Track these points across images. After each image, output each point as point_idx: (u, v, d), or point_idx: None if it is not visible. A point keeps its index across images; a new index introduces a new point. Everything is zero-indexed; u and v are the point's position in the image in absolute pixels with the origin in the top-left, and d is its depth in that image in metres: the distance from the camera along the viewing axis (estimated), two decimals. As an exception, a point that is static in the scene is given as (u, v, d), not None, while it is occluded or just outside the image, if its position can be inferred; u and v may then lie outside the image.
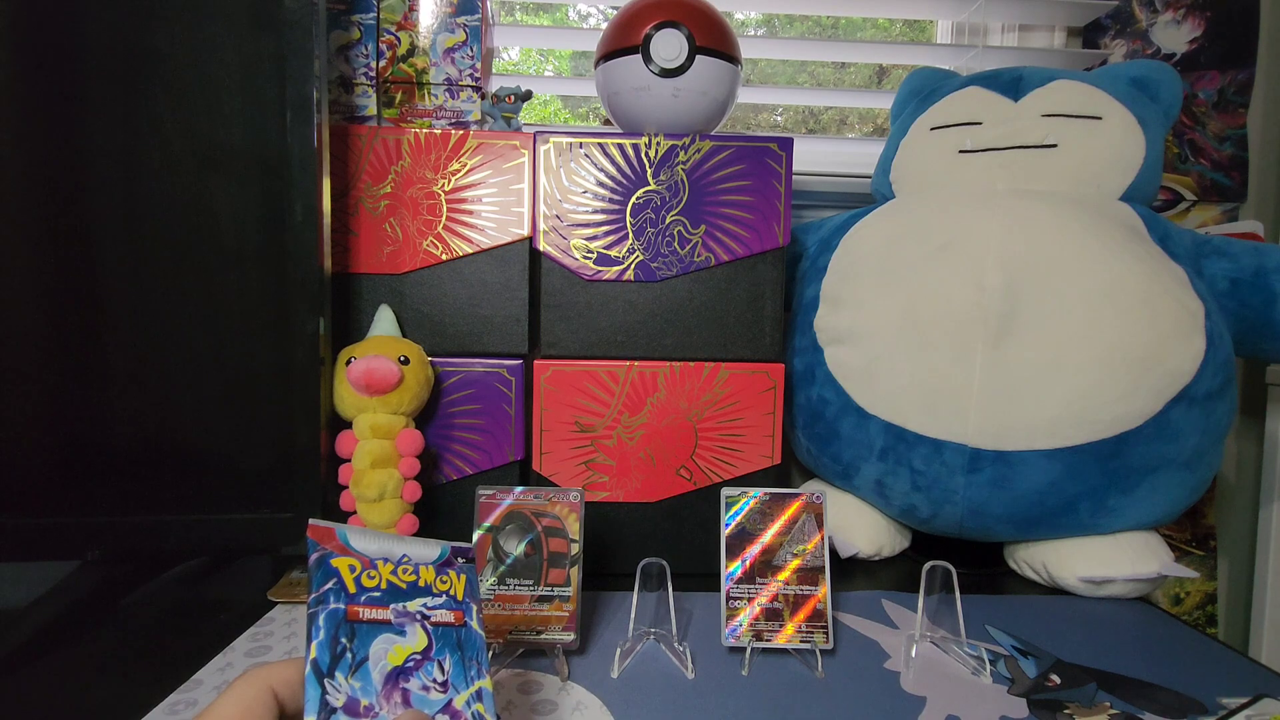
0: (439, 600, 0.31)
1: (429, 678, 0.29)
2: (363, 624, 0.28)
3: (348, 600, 0.28)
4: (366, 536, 0.30)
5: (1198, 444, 0.57)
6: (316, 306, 0.52)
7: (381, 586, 0.29)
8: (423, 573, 0.31)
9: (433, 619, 0.30)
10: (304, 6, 0.49)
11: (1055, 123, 0.64)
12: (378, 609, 0.29)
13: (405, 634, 0.29)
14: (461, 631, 0.31)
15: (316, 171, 0.51)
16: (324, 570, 0.28)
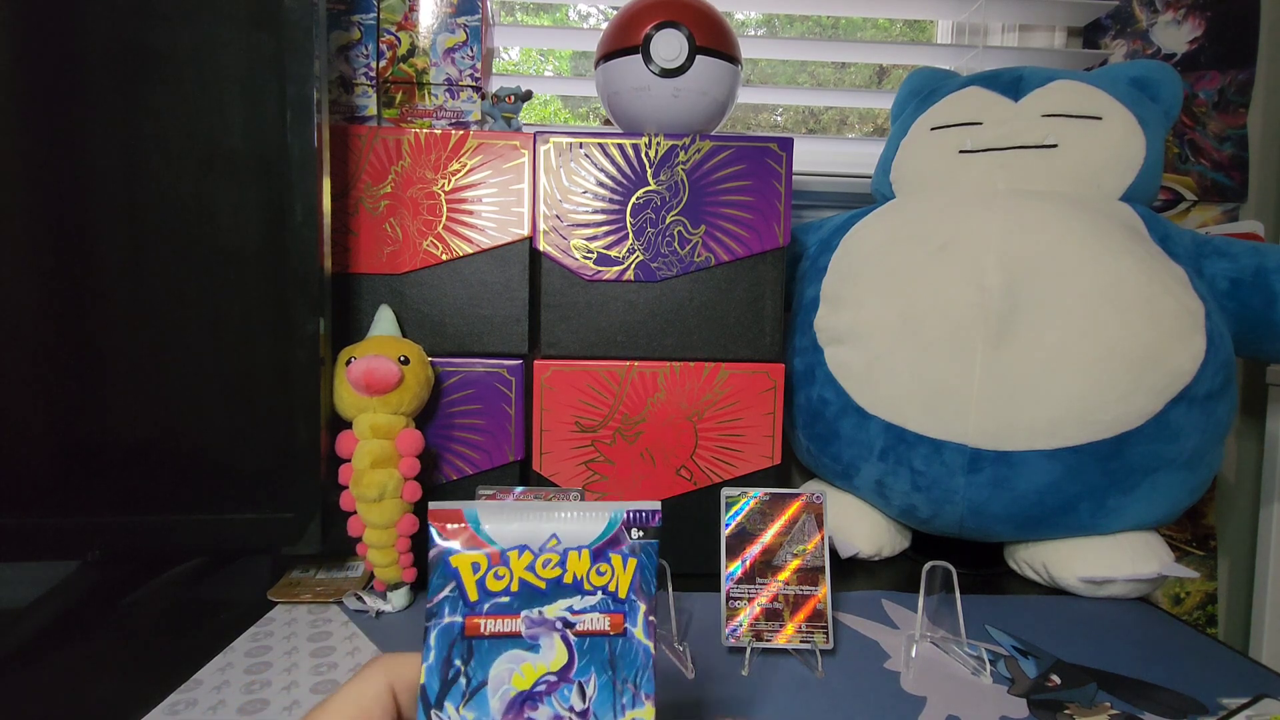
0: (589, 601, 0.24)
1: (563, 705, 0.23)
2: (484, 640, 0.23)
3: (466, 611, 0.23)
4: (505, 514, 0.24)
5: (1198, 444, 0.57)
6: (316, 306, 0.52)
7: (512, 588, 0.24)
8: (572, 563, 0.24)
9: (577, 627, 0.24)
10: (304, 6, 0.49)
11: (1055, 123, 0.64)
12: (504, 619, 0.23)
13: (538, 649, 0.23)
14: (617, 643, 0.24)
15: (316, 171, 0.51)
16: (442, 571, 0.23)
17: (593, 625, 0.24)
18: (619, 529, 0.24)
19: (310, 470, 0.53)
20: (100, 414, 0.51)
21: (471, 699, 0.22)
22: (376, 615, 0.54)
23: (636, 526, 0.24)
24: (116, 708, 0.42)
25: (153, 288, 0.51)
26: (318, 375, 0.52)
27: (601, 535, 0.24)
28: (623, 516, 0.24)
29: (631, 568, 0.24)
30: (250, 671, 0.46)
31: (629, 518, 0.24)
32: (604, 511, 0.24)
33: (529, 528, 0.24)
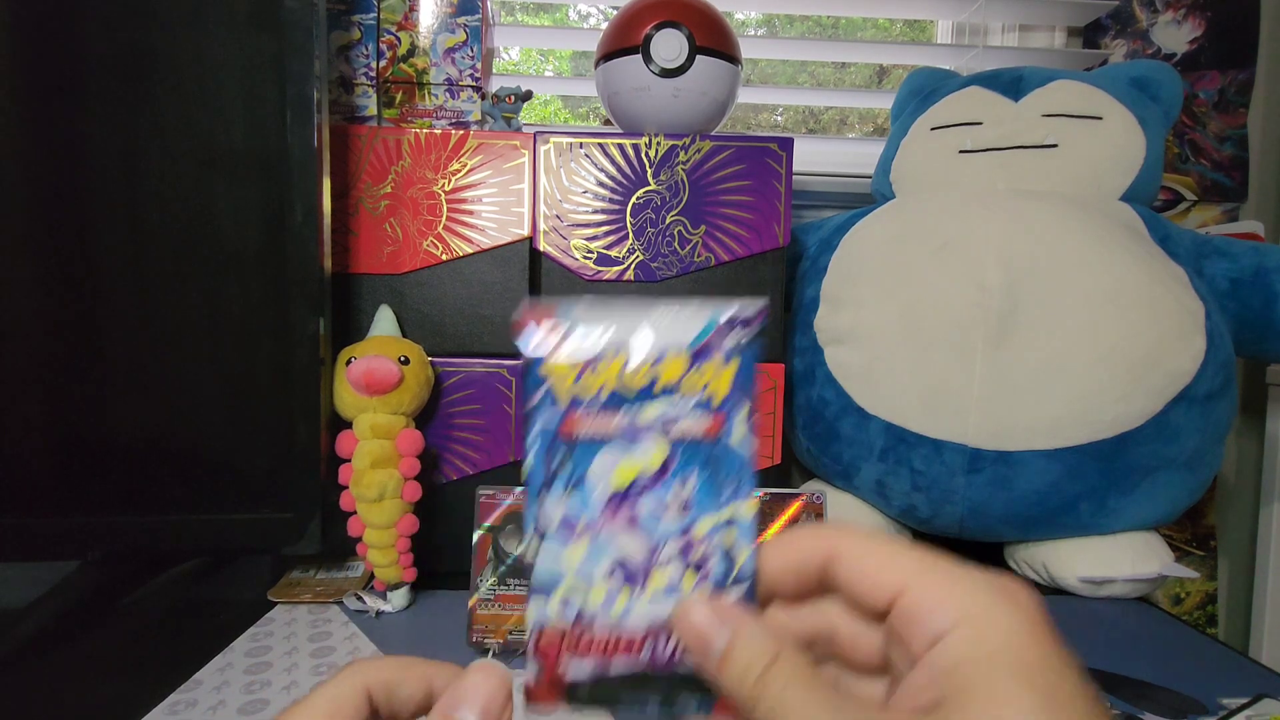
0: (687, 404, 0.23)
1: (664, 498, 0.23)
2: (580, 441, 0.23)
3: (562, 413, 0.23)
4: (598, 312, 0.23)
5: (1198, 444, 0.57)
6: (316, 307, 0.52)
7: (607, 390, 0.23)
8: (668, 366, 0.23)
9: (675, 430, 0.23)
10: (304, 6, 0.49)
11: (1055, 123, 0.64)
12: (600, 419, 0.23)
13: (637, 447, 0.23)
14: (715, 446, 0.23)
15: (316, 171, 0.51)
16: (534, 376, 0.23)
17: (690, 429, 0.23)
18: (718, 330, 0.23)
19: (310, 470, 0.53)
20: (100, 414, 0.51)
21: (574, 491, 0.23)
22: (376, 615, 0.54)
23: (738, 327, 0.23)
24: (116, 708, 0.42)
25: (152, 287, 0.51)
26: (318, 375, 0.52)
27: (699, 337, 0.23)
28: (721, 317, 0.23)
29: (731, 370, 0.23)
30: (250, 671, 0.46)
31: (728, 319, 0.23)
32: (702, 313, 0.23)
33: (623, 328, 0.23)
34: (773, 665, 0.21)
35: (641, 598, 0.23)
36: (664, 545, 0.23)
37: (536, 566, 0.23)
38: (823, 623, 0.24)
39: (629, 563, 0.23)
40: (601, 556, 0.23)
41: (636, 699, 0.23)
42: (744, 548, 0.23)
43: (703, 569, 0.23)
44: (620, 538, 0.23)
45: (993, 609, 0.20)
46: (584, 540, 0.23)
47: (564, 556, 0.23)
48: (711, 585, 0.23)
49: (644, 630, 0.23)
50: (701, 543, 0.23)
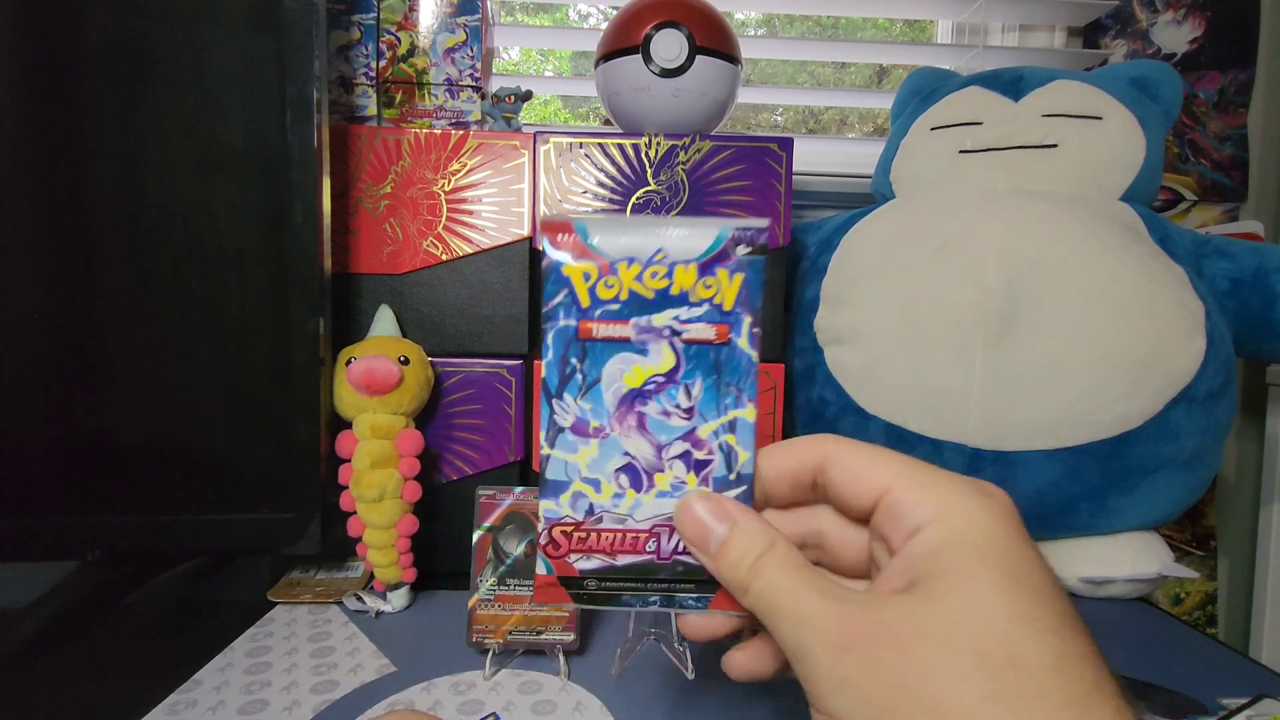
0: (696, 311, 0.25)
1: (670, 402, 0.25)
2: (596, 342, 0.25)
3: (580, 315, 0.24)
4: (614, 226, 0.25)
5: (1198, 444, 0.57)
6: (316, 306, 0.52)
7: (621, 296, 0.24)
8: (679, 275, 0.24)
9: (685, 335, 0.25)
10: (304, 6, 0.49)
11: (1056, 123, 0.64)
12: (615, 324, 0.24)
13: (647, 352, 0.25)
14: (722, 350, 0.25)
15: (316, 171, 0.51)
16: (554, 279, 0.24)
17: (699, 334, 0.25)
18: (726, 244, 0.24)
19: (310, 470, 0.53)
20: (100, 414, 0.51)
21: (587, 392, 0.24)
22: (376, 615, 0.54)
23: (744, 243, 0.24)
24: (116, 708, 0.42)
25: (152, 287, 0.51)
26: (318, 375, 0.52)
27: (708, 250, 0.24)
28: (730, 233, 0.24)
29: (738, 281, 0.25)
30: (250, 672, 0.46)
31: (736, 234, 0.24)
32: (711, 227, 0.24)
33: (636, 241, 0.24)
34: (766, 553, 0.23)
35: (648, 496, 0.25)
36: (670, 447, 0.25)
37: (549, 465, 0.25)
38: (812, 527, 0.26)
39: (637, 462, 0.25)
40: (611, 457, 0.25)
41: (638, 596, 0.25)
42: (744, 450, 0.25)
43: (705, 469, 0.25)
44: (629, 439, 0.25)
45: (968, 504, 0.21)
46: (595, 442, 0.25)
47: (576, 457, 0.25)
48: (713, 484, 0.25)
49: (649, 527, 0.25)
50: (705, 444, 0.25)
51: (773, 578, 0.22)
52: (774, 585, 0.22)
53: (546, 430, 0.25)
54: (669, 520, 0.25)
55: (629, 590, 0.25)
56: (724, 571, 0.23)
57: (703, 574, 0.25)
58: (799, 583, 0.22)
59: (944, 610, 0.19)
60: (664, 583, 0.25)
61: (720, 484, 0.25)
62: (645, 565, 0.25)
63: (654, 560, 0.25)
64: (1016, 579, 0.20)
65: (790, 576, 0.22)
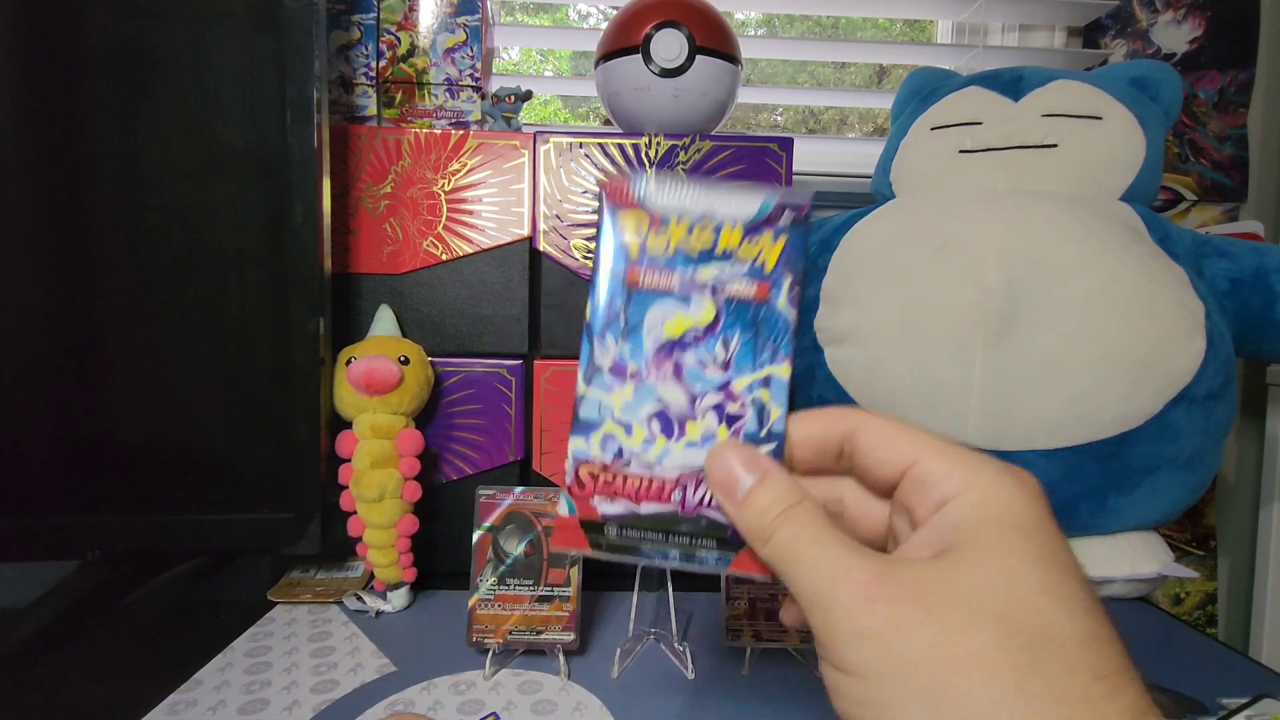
0: (740, 269, 0.25)
1: (708, 353, 0.25)
2: (641, 290, 0.25)
3: (628, 263, 0.25)
4: (666, 186, 0.26)
5: (1198, 444, 0.57)
6: (316, 306, 0.52)
7: (669, 250, 0.25)
8: (725, 235, 0.25)
9: (726, 290, 0.25)
10: (304, 6, 0.49)
11: (1055, 123, 0.64)
12: (661, 274, 0.25)
13: (689, 304, 0.25)
14: (761, 308, 0.25)
15: (316, 171, 0.51)
16: (608, 226, 0.26)
17: (740, 290, 0.25)
18: (772, 211, 0.25)
19: (310, 470, 0.53)
20: (100, 414, 0.51)
21: (628, 336, 0.25)
22: (376, 615, 0.54)
23: (789, 209, 0.26)
24: (116, 708, 0.42)
25: (153, 287, 0.51)
26: (318, 375, 0.52)
27: (756, 216, 0.25)
28: (776, 200, 0.25)
29: (781, 244, 0.25)
30: (250, 671, 0.46)
31: (782, 201, 0.26)
32: (758, 195, 0.25)
33: (688, 200, 0.26)
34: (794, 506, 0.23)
35: (677, 445, 0.25)
36: (704, 398, 0.25)
37: (583, 404, 0.25)
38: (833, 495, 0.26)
39: (669, 410, 0.25)
40: (645, 402, 0.25)
41: (658, 548, 0.25)
42: (776, 407, 0.25)
43: (737, 423, 0.25)
44: (664, 386, 0.25)
45: (998, 479, 0.22)
46: (630, 385, 0.25)
47: (611, 398, 0.25)
48: (743, 439, 0.25)
49: (676, 476, 0.25)
50: (738, 398, 0.25)
51: (798, 529, 0.22)
52: (799, 536, 0.22)
53: (585, 368, 0.25)
54: (697, 472, 0.25)
55: (649, 541, 0.25)
56: (748, 518, 0.23)
57: (726, 531, 0.25)
58: (827, 534, 0.22)
59: (976, 578, 0.19)
60: (685, 536, 0.25)
61: (751, 439, 0.25)
62: (669, 516, 0.25)
63: (678, 511, 0.25)
64: (1048, 555, 0.20)
65: (818, 528, 0.22)
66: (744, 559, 0.25)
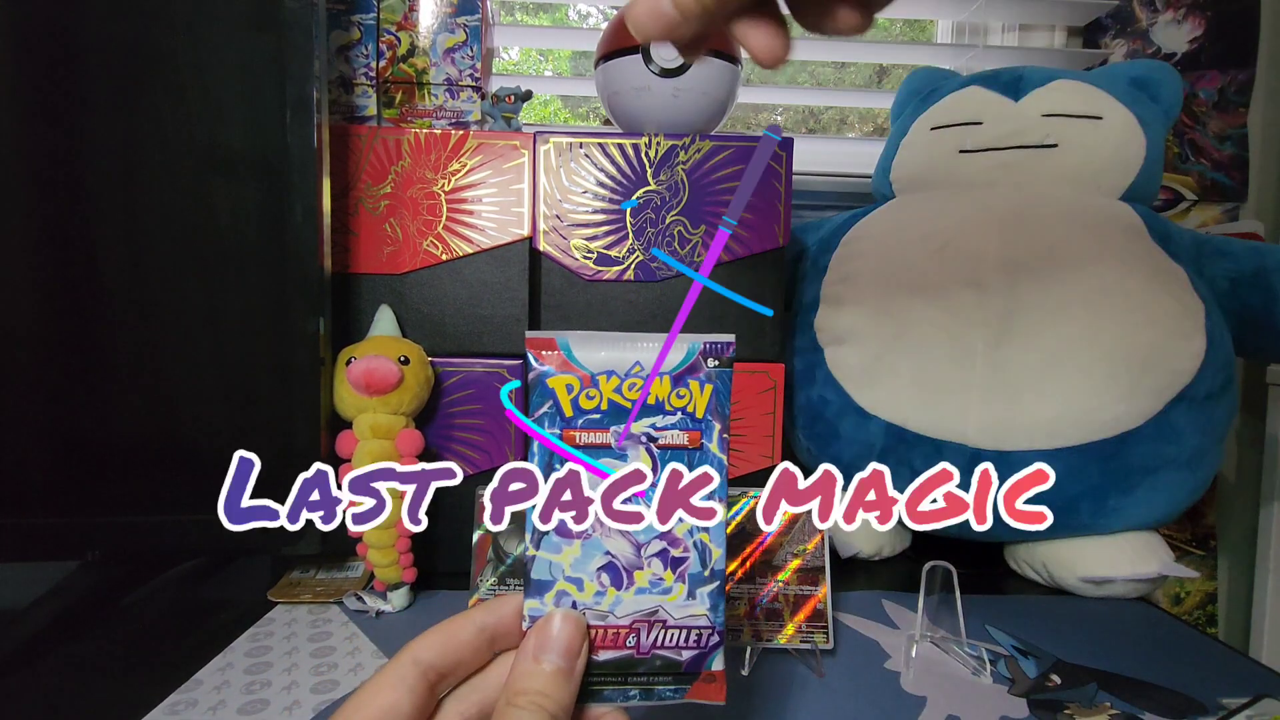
0: (671, 420, 0.27)
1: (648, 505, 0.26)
2: (579, 449, 0.26)
3: (563, 425, 0.26)
4: (594, 343, 0.27)
5: (1198, 444, 0.57)
6: (316, 306, 0.52)
7: (602, 407, 0.26)
8: (654, 387, 0.27)
9: (660, 441, 0.26)
10: (304, 6, 0.49)
11: (1055, 122, 0.64)
12: (596, 433, 0.26)
13: (626, 458, 0.26)
14: (694, 455, 0.27)
15: (316, 171, 0.51)
16: (540, 390, 0.26)
17: (673, 440, 0.27)
18: (697, 358, 0.27)
19: (310, 470, 0.53)
20: (100, 414, 0.51)
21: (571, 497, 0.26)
22: (376, 615, 0.54)
23: (713, 356, 0.27)
24: (116, 708, 0.42)
25: (153, 287, 0.51)
26: (318, 375, 0.52)
27: (681, 363, 0.27)
28: (700, 347, 0.27)
29: (708, 392, 0.27)
30: (250, 671, 0.46)
31: (705, 348, 0.27)
32: (683, 343, 0.27)
33: (615, 356, 0.27)
34: None
35: (628, 593, 0.26)
36: (648, 545, 0.26)
37: (534, 565, 0.26)
38: None
39: (618, 561, 0.26)
40: (593, 556, 0.26)
41: (618, 689, 0.26)
42: (717, 547, 0.27)
43: (681, 566, 0.26)
44: (610, 539, 0.26)
45: None
46: (577, 543, 0.26)
47: (560, 557, 0.26)
48: (689, 580, 0.26)
49: (630, 623, 0.26)
50: (681, 542, 0.26)
51: None
52: None
53: (531, 533, 0.26)
54: (648, 616, 0.26)
55: (610, 684, 0.26)
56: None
57: (681, 666, 0.26)
58: None
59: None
60: (642, 676, 0.26)
61: (695, 580, 0.26)
62: (625, 660, 0.26)
63: (633, 655, 0.26)
64: None
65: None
66: (699, 688, 0.26)
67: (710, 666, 0.27)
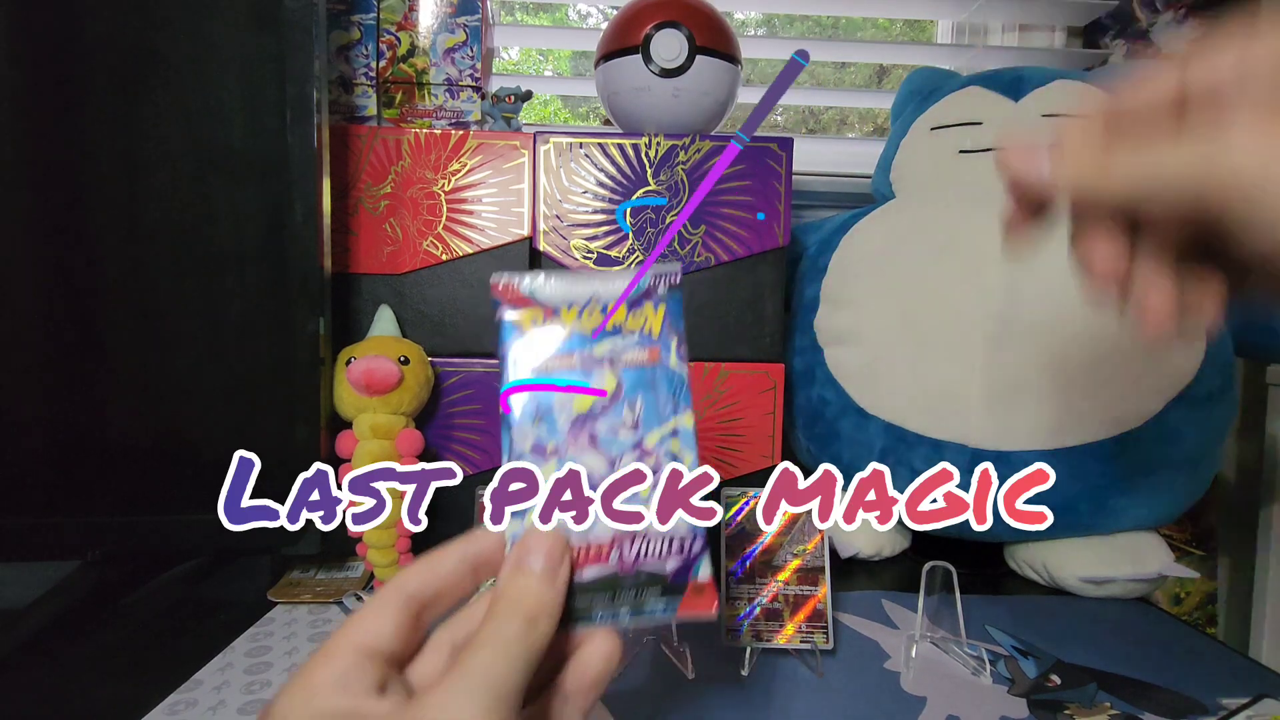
0: (630, 339, 0.28)
1: (617, 419, 0.28)
2: (547, 375, 0.28)
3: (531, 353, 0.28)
4: (553, 280, 0.29)
5: (1198, 444, 0.57)
6: (316, 306, 0.52)
7: (566, 335, 0.28)
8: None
9: (622, 361, 0.28)
10: (304, 6, 0.49)
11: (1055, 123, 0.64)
12: (561, 358, 0.28)
13: (591, 378, 0.28)
14: (656, 370, 0.28)
15: (316, 171, 0.51)
16: (506, 327, 0.28)
17: (634, 358, 0.28)
18: (649, 285, 0.29)
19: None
20: (100, 414, 0.51)
21: (543, 419, 0.27)
22: (376, 615, 0.54)
23: (663, 280, 0.29)
24: (116, 708, 0.42)
25: (153, 288, 0.51)
26: (318, 375, 0.52)
27: (635, 292, 0.29)
28: (650, 276, 0.29)
29: (662, 312, 0.29)
30: (250, 671, 0.46)
31: (655, 275, 0.29)
32: (631, 273, 0.29)
33: (572, 290, 0.29)
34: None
35: None
36: (621, 458, 0.27)
37: None
38: None
39: (592, 477, 0.27)
40: None
41: (609, 610, 0.27)
42: (688, 453, 0.28)
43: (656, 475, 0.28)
44: (584, 456, 0.27)
45: None
46: (552, 461, 0.27)
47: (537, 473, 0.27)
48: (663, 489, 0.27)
49: (610, 538, 0.27)
50: (652, 452, 0.28)
51: None
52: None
53: (507, 455, 0.27)
54: (630, 531, 0.27)
55: (600, 604, 0.27)
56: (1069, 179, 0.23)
57: (666, 579, 0.27)
58: None
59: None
60: (630, 591, 0.27)
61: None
62: (610, 578, 0.27)
63: (617, 572, 0.27)
64: None
65: None
66: (689, 600, 0.27)
67: (696, 575, 0.27)
